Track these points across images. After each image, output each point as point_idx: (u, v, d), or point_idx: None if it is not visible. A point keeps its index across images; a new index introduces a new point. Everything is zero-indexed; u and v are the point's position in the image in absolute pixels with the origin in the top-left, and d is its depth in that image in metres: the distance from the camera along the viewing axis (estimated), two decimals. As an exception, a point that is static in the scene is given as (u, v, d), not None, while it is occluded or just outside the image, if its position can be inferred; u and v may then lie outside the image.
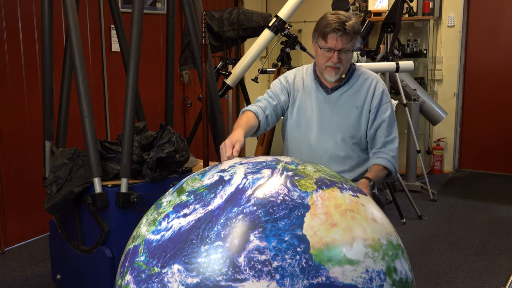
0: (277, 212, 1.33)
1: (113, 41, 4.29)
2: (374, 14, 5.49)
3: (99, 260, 2.57)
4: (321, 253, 1.28)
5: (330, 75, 2.22)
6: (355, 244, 1.32)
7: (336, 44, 2.15)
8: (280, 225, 1.30)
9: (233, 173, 1.49)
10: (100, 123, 4.24)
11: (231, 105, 4.75)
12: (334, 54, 2.17)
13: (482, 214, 4.35)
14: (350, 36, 2.15)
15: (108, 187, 2.54)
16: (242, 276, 1.25)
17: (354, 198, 1.45)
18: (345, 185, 1.50)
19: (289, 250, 1.27)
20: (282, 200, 1.36)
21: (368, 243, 1.35)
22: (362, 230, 1.36)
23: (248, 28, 4.13)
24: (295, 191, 1.39)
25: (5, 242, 3.68)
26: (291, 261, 1.25)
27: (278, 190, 1.39)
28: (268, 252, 1.26)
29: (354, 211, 1.40)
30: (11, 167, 3.68)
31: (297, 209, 1.35)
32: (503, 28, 5.44)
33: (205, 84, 2.65)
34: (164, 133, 2.71)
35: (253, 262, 1.25)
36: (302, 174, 1.47)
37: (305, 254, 1.26)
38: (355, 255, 1.31)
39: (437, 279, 3.15)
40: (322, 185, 1.44)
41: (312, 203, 1.37)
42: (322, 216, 1.34)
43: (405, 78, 4.97)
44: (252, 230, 1.30)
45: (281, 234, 1.29)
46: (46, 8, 2.85)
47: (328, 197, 1.40)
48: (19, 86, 3.70)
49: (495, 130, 5.56)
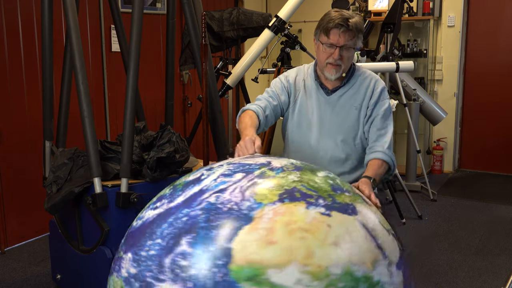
0: (216, 220, 1.29)
1: (113, 41, 4.29)
2: (374, 14, 5.49)
3: (99, 260, 2.57)
4: (241, 271, 1.21)
5: (330, 73, 2.20)
6: (288, 268, 1.21)
7: (339, 40, 2.14)
8: (212, 234, 1.27)
9: (211, 173, 1.49)
10: (100, 123, 4.24)
11: (231, 105, 4.75)
12: (335, 50, 2.15)
13: (482, 214, 4.35)
14: (353, 33, 2.14)
15: (108, 187, 2.54)
16: (163, 277, 1.27)
17: (322, 217, 1.31)
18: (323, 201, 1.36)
19: (209, 261, 1.23)
20: (229, 208, 1.32)
21: (308, 269, 1.22)
22: (307, 254, 1.23)
23: (248, 28, 4.13)
24: (248, 201, 1.32)
25: (5, 242, 3.68)
26: (207, 272, 1.22)
27: (231, 197, 1.34)
28: (190, 258, 1.25)
29: (309, 232, 1.26)
30: (11, 167, 3.68)
31: (238, 220, 1.28)
32: (503, 28, 5.44)
33: (205, 84, 2.65)
34: (164, 133, 2.71)
35: (175, 266, 1.26)
36: (274, 183, 1.39)
37: (223, 268, 1.22)
38: (281, 280, 1.20)
39: (437, 279, 3.15)
40: (286, 198, 1.33)
41: (259, 216, 1.29)
42: (261, 232, 1.25)
43: (405, 78, 4.97)
44: (186, 234, 1.29)
45: (209, 243, 1.25)
46: (46, 8, 2.85)
47: (283, 212, 1.29)
48: (19, 86, 3.70)
49: (495, 130, 5.56)
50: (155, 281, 1.28)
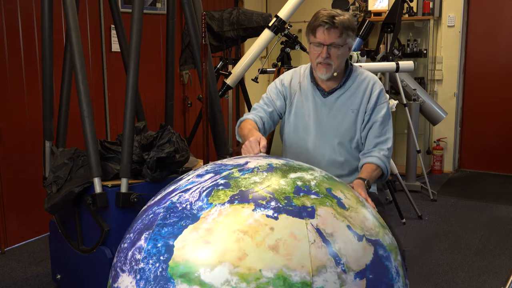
0: (170, 218, 1.38)
1: (113, 41, 4.29)
2: (374, 14, 5.49)
3: (99, 260, 2.57)
4: (177, 267, 1.28)
5: (321, 72, 2.16)
6: (218, 268, 1.25)
7: (325, 38, 2.10)
8: (163, 231, 1.36)
9: (192, 173, 1.58)
10: (100, 123, 4.25)
11: (231, 105, 4.75)
12: (323, 49, 2.12)
13: (482, 214, 4.35)
14: (339, 30, 2.09)
15: (108, 187, 2.54)
16: (124, 267, 1.40)
17: (266, 219, 1.31)
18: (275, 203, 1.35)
19: (154, 256, 1.33)
20: (183, 208, 1.40)
21: (237, 270, 1.24)
22: (239, 256, 1.25)
23: (248, 28, 4.13)
24: (201, 201, 1.39)
25: (5, 242, 3.68)
26: (152, 266, 1.32)
27: (189, 197, 1.42)
28: (143, 253, 1.36)
29: (247, 234, 1.28)
30: (11, 167, 3.68)
31: (186, 219, 1.35)
32: (503, 28, 5.44)
33: (205, 84, 2.65)
34: (164, 133, 2.71)
35: (132, 259, 1.38)
36: (234, 185, 1.42)
37: (164, 264, 1.30)
38: (210, 279, 1.24)
39: (437, 279, 3.15)
40: (237, 200, 1.36)
41: (204, 216, 1.34)
42: (201, 232, 1.31)
43: (405, 78, 4.97)
44: (147, 230, 1.40)
45: (158, 240, 1.35)
46: (46, 8, 2.85)
47: (228, 214, 1.33)
48: (19, 86, 3.70)
49: (495, 130, 5.56)
50: (120, 271, 1.42)
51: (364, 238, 1.40)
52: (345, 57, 2.20)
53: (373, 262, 1.38)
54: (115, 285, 1.43)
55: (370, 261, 1.37)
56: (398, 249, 1.54)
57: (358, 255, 1.35)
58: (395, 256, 1.48)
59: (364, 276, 1.34)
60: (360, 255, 1.36)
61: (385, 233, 1.50)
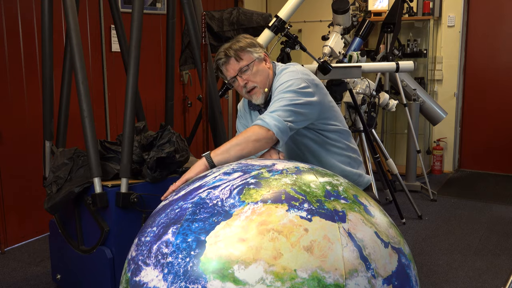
0: (200, 214, 1.37)
1: (113, 41, 4.30)
2: (374, 14, 5.49)
3: (99, 260, 2.57)
4: (209, 263, 1.26)
5: (255, 99, 2.14)
6: (253, 266, 1.24)
7: (230, 71, 2.11)
8: (193, 226, 1.35)
9: (217, 171, 1.58)
10: (100, 123, 4.25)
11: (231, 105, 4.75)
12: (238, 80, 2.11)
13: (482, 214, 4.35)
14: (233, 58, 2.08)
15: (108, 187, 2.54)
16: (149, 261, 1.38)
17: (300, 220, 1.31)
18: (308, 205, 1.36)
19: (184, 251, 1.31)
20: (214, 204, 1.38)
21: (273, 269, 1.24)
22: (274, 255, 1.25)
23: (248, 28, 4.13)
24: (233, 199, 1.38)
25: (5, 242, 3.68)
26: (181, 261, 1.30)
27: (219, 194, 1.41)
28: (171, 247, 1.34)
29: (282, 233, 1.28)
30: (11, 167, 3.68)
31: (218, 215, 1.34)
32: (503, 28, 5.44)
33: (205, 84, 2.65)
34: (164, 133, 2.71)
35: (159, 253, 1.36)
36: (265, 184, 1.42)
37: (195, 259, 1.28)
38: (244, 276, 1.23)
39: (437, 279, 3.15)
40: (270, 199, 1.36)
41: (237, 213, 1.33)
42: (235, 228, 1.30)
43: (405, 78, 4.97)
44: (174, 225, 1.39)
45: (188, 235, 1.34)
46: (46, 8, 2.85)
47: (262, 212, 1.33)
48: (19, 86, 3.70)
49: (495, 130, 5.56)
50: (143, 264, 1.39)
51: (390, 246, 1.42)
52: (264, 68, 2.12)
53: (398, 269, 1.40)
54: (136, 279, 1.39)
55: (396, 268, 1.40)
56: None
57: (385, 262, 1.37)
58: (414, 265, 1.52)
59: (390, 282, 1.36)
60: (387, 261, 1.38)
61: (404, 242, 1.54)
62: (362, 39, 4.38)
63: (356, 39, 4.33)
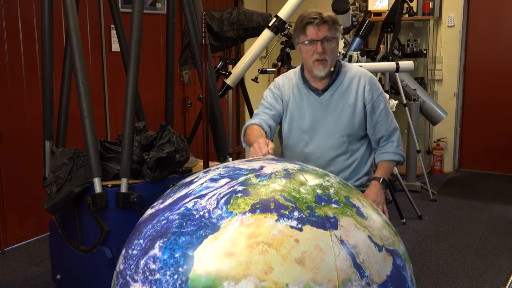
0: (187, 226, 1.31)
1: (113, 41, 4.29)
2: (374, 14, 5.49)
3: (99, 260, 2.57)
4: (198, 280, 1.21)
5: (319, 70, 2.20)
6: (243, 282, 1.19)
7: (317, 33, 2.15)
8: (180, 241, 1.29)
9: (203, 176, 1.50)
10: (100, 123, 4.24)
11: (231, 105, 4.75)
12: (317, 45, 2.16)
13: (482, 214, 4.35)
14: (328, 24, 2.15)
15: (108, 187, 2.54)
16: (136, 277, 1.32)
17: (290, 230, 1.26)
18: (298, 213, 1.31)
19: (172, 267, 1.26)
20: (201, 215, 1.32)
21: (264, 285, 1.19)
22: (265, 269, 1.20)
23: (248, 28, 4.13)
24: (220, 209, 1.32)
25: (5, 242, 3.68)
26: (169, 278, 1.25)
27: (206, 204, 1.35)
28: (158, 263, 1.28)
29: (271, 246, 1.23)
30: (11, 167, 3.68)
31: (205, 228, 1.28)
32: (503, 28, 5.44)
33: (205, 84, 2.65)
34: (164, 133, 2.71)
35: (146, 268, 1.31)
36: (253, 192, 1.36)
37: (183, 276, 1.23)
38: None
39: (437, 279, 3.15)
40: (258, 208, 1.31)
41: (225, 225, 1.28)
42: (223, 243, 1.24)
43: (405, 78, 4.97)
44: (161, 238, 1.33)
45: (175, 250, 1.28)
46: (46, 8, 2.85)
47: (250, 224, 1.27)
48: (19, 86, 3.70)
49: (495, 130, 5.56)
50: (131, 280, 1.34)
51: (384, 249, 1.38)
52: (337, 52, 2.25)
53: (392, 273, 1.37)
54: None
55: (390, 272, 1.36)
56: None
57: (380, 267, 1.33)
58: (409, 264, 1.48)
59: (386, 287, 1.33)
60: (381, 266, 1.34)
61: (399, 241, 1.49)
62: (362, 39, 4.38)
63: (356, 39, 4.33)
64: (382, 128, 2.30)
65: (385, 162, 2.31)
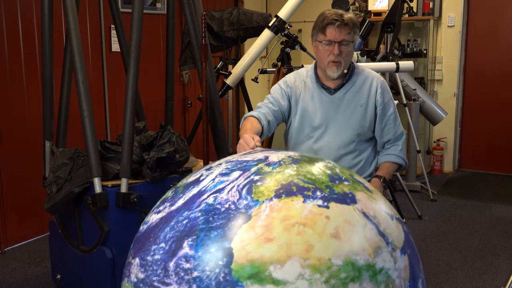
0: (215, 221, 1.30)
1: (113, 41, 4.29)
2: (374, 14, 5.49)
3: (99, 260, 2.57)
4: (242, 269, 1.22)
5: (332, 71, 2.23)
6: (288, 263, 1.21)
7: (336, 35, 2.16)
8: (212, 235, 1.28)
9: (210, 173, 1.49)
10: (100, 123, 4.24)
11: (231, 105, 4.75)
12: (334, 46, 2.18)
13: (482, 214, 4.35)
14: (349, 27, 2.16)
15: (108, 187, 2.54)
16: (168, 280, 1.29)
17: (319, 209, 1.31)
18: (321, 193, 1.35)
19: (211, 262, 1.25)
20: (227, 208, 1.32)
21: (308, 262, 1.22)
22: (306, 248, 1.24)
23: (248, 28, 4.13)
24: (245, 199, 1.33)
25: (5, 242, 3.68)
26: (210, 273, 1.24)
27: (229, 197, 1.35)
28: (193, 261, 1.27)
29: (307, 225, 1.27)
30: (11, 167, 3.68)
31: (236, 219, 1.29)
32: (503, 28, 5.44)
33: (205, 84, 2.65)
34: (164, 133, 2.71)
35: (179, 269, 1.28)
36: (270, 179, 1.39)
37: (225, 268, 1.23)
38: (283, 276, 1.21)
39: (437, 279, 3.15)
40: (283, 193, 1.33)
41: (256, 213, 1.29)
42: (259, 230, 1.26)
43: (405, 78, 4.97)
44: (188, 237, 1.31)
45: (209, 245, 1.27)
46: (46, 8, 2.85)
47: (280, 208, 1.30)
48: (19, 86, 3.70)
49: (495, 130, 5.56)
50: (162, 285, 1.29)
51: (394, 218, 1.46)
52: (352, 54, 2.28)
53: (406, 239, 1.44)
54: None
55: (404, 237, 1.43)
56: None
57: (397, 234, 1.40)
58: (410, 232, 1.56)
59: (405, 252, 1.40)
60: (397, 233, 1.41)
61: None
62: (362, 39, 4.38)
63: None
64: (389, 131, 2.35)
65: (388, 163, 2.35)
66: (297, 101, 2.33)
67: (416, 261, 1.46)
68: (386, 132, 2.35)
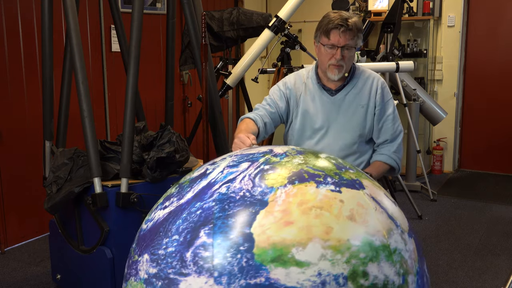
0: (231, 208, 1.32)
1: (113, 41, 4.30)
2: (374, 14, 5.49)
3: (99, 260, 2.57)
4: (265, 253, 1.23)
5: (333, 74, 2.23)
6: (309, 245, 1.25)
7: (339, 40, 2.16)
8: (229, 222, 1.29)
9: (216, 167, 1.51)
10: (100, 123, 4.25)
11: (231, 105, 4.75)
12: (337, 51, 2.17)
13: (482, 214, 4.35)
14: (353, 32, 2.16)
15: (108, 187, 2.54)
16: (186, 270, 1.28)
17: (333, 193, 1.36)
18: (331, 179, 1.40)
19: (232, 248, 1.25)
20: (242, 196, 1.34)
21: (329, 244, 1.26)
22: (325, 230, 1.27)
23: (248, 28, 4.13)
24: (259, 187, 1.35)
25: (5, 242, 3.68)
26: (232, 259, 1.24)
27: (242, 185, 1.37)
28: (211, 249, 1.27)
29: (323, 209, 1.31)
30: (11, 167, 3.68)
31: (253, 206, 1.31)
32: (503, 28, 5.44)
33: (205, 84, 2.65)
34: (164, 133, 2.71)
35: (197, 258, 1.28)
36: (281, 167, 1.42)
37: (247, 253, 1.24)
38: (306, 257, 1.23)
39: (437, 279, 3.15)
40: (295, 180, 1.37)
41: (272, 199, 1.32)
42: (277, 214, 1.29)
43: (405, 78, 4.97)
44: (204, 226, 1.31)
45: (228, 232, 1.28)
46: (46, 8, 2.85)
47: (295, 193, 1.33)
48: (19, 86, 3.70)
49: (495, 130, 5.56)
50: (179, 276, 1.29)
51: (397, 205, 1.53)
52: (353, 58, 2.28)
53: (408, 223, 1.52)
54: None
55: (407, 222, 1.52)
56: None
57: (401, 218, 1.49)
58: None
59: (411, 235, 1.46)
60: (401, 217, 1.49)
61: None
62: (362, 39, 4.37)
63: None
64: (387, 132, 2.34)
65: (379, 163, 2.34)
66: (298, 102, 2.32)
67: (419, 246, 1.51)
68: (383, 133, 2.34)
